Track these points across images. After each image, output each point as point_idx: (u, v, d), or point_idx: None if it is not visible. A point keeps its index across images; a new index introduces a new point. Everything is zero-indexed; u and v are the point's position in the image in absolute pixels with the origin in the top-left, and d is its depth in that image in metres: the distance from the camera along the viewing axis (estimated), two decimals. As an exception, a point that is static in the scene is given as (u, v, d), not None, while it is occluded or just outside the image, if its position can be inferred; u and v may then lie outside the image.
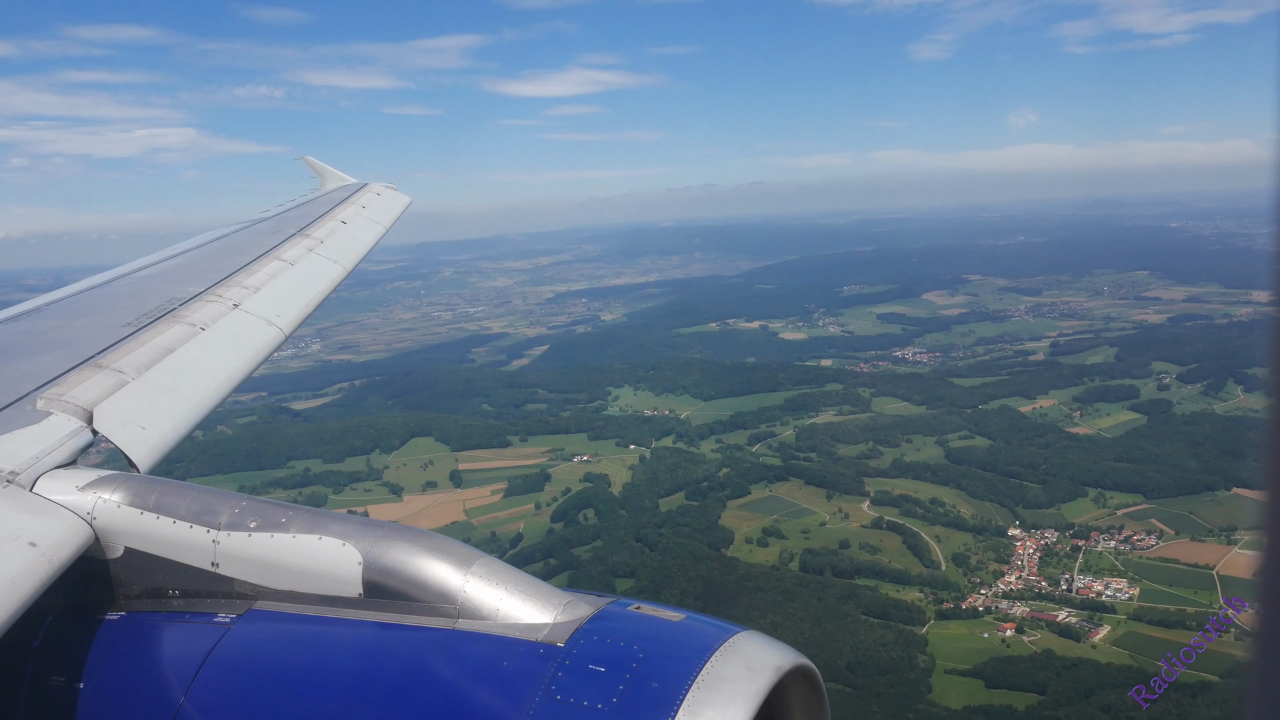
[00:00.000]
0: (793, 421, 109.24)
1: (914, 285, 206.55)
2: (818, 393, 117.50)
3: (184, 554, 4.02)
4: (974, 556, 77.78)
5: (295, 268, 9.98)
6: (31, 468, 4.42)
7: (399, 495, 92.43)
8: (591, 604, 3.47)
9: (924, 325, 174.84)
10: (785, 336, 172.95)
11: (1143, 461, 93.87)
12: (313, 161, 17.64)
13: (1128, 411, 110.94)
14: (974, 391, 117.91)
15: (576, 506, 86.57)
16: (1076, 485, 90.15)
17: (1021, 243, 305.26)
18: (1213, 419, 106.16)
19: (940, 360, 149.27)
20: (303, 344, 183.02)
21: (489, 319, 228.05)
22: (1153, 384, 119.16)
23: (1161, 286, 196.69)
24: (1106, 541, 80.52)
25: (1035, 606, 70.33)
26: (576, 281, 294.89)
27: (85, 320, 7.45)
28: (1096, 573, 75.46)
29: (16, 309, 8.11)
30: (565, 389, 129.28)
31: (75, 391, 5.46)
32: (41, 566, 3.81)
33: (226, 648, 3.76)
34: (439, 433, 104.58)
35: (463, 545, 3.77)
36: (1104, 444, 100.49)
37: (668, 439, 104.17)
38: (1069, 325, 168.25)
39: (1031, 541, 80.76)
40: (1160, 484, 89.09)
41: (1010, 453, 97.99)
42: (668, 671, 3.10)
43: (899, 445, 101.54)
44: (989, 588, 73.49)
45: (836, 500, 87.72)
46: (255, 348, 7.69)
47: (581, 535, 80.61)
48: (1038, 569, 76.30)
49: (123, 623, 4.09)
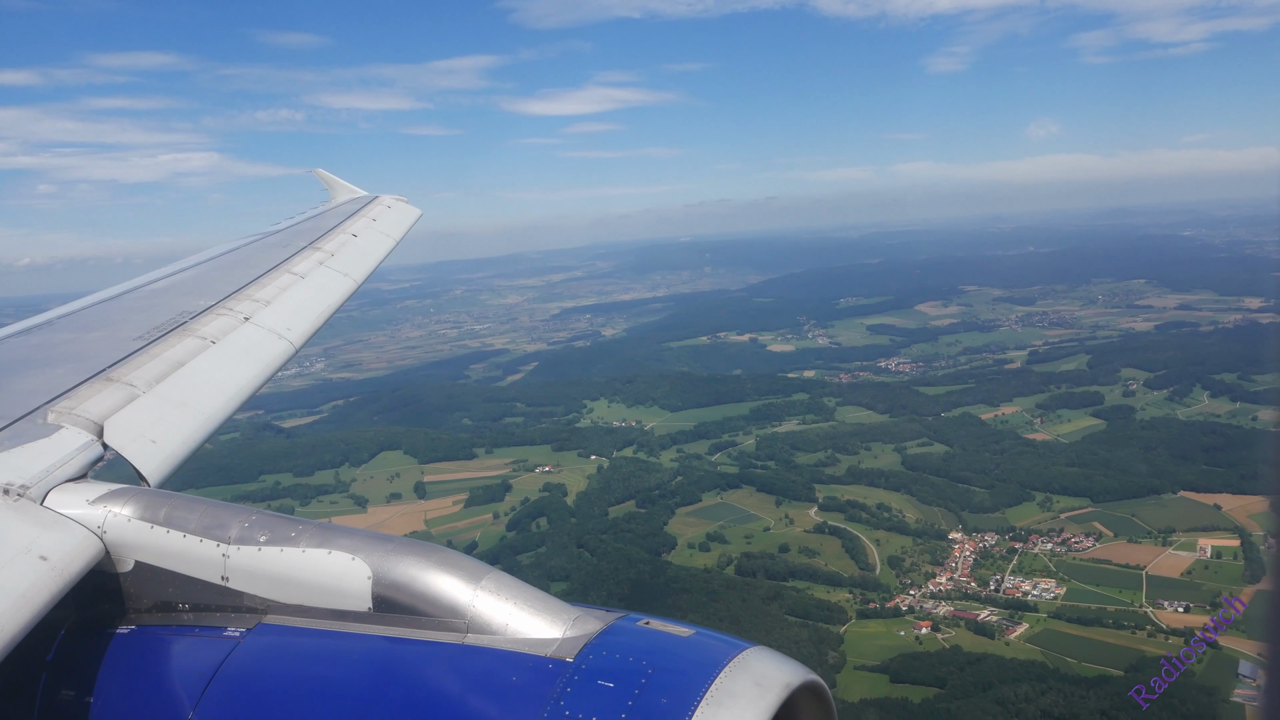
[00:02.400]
0: (755, 431, 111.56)
1: (909, 297, 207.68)
2: (783, 403, 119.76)
3: (194, 568, 4.07)
4: (909, 559, 79.70)
5: (306, 281, 10.03)
6: (42, 481, 4.44)
7: (364, 507, 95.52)
8: (601, 619, 3.49)
9: (912, 336, 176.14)
10: (773, 349, 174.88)
11: (1094, 466, 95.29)
12: (324, 174, 17.82)
13: (1089, 418, 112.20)
14: (938, 400, 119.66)
15: (531, 515, 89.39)
16: (1024, 490, 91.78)
17: (1029, 253, 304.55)
18: (1172, 424, 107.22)
19: (922, 370, 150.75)
20: (307, 362, 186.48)
21: (492, 336, 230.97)
22: (1119, 390, 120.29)
23: (1156, 294, 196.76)
24: (1044, 544, 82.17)
25: (960, 606, 72.16)
26: (585, 298, 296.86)
27: (96, 333, 7.49)
28: (1028, 574, 77.20)
29: (28, 322, 8.19)
30: (543, 402, 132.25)
31: (86, 405, 5.50)
32: (53, 580, 3.83)
33: (236, 662, 3.81)
34: (408, 446, 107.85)
35: (472, 560, 3.79)
36: (1058, 449, 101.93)
37: (629, 449, 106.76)
38: (1056, 334, 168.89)
39: (970, 544, 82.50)
40: (1107, 488, 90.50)
41: (965, 459, 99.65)
42: (677, 687, 3.11)
43: (857, 453, 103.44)
44: (918, 588, 75.38)
45: (785, 506, 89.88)
46: (266, 361, 7.74)
47: (529, 542, 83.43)
48: (970, 570, 78.04)
49: (133, 636, 4.13)
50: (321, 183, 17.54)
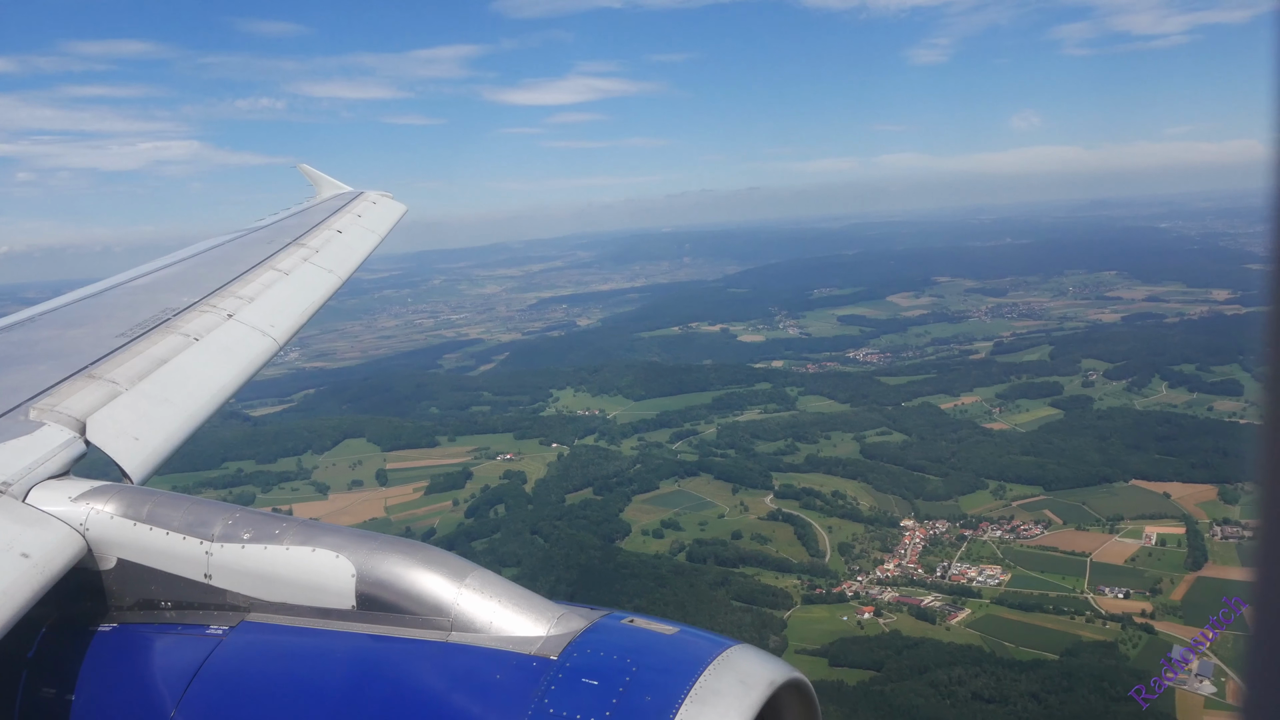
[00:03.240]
0: (717, 420, 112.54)
1: (881, 288, 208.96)
2: (746, 392, 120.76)
3: (177, 565, 4.04)
4: (859, 546, 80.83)
5: (290, 277, 9.99)
6: (24, 478, 4.41)
7: (325, 494, 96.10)
8: (585, 617, 3.50)
9: (882, 327, 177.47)
10: (744, 339, 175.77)
11: (1048, 455, 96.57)
12: (309, 170, 17.70)
13: (1048, 407, 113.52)
14: (899, 389, 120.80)
15: (490, 502, 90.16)
16: (978, 478, 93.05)
17: (1006, 244, 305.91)
18: (1128, 414, 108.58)
19: (889, 360, 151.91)
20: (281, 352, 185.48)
21: (468, 325, 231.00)
22: (1078, 381, 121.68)
23: (1125, 286, 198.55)
24: (994, 531, 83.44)
25: (905, 592, 73.32)
26: (563, 288, 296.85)
27: (79, 330, 7.45)
28: (975, 561, 78.42)
29: (9, 319, 8.17)
30: (510, 392, 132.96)
31: (68, 402, 5.46)
32: (34, 577, 3.81)
33: (219, 660, 3.78)
34: (372, 434, 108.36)
35: (457, 558, 3.77)
36: (1014, 438, 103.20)
37: (590, 438, 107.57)
38: (1024, 325, 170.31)
39: (921, 531, 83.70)
40: (1060, 476, 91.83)
41: (922, 448, 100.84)
42: (661, 685, 3.12)
43: (817, 441, 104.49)
44: (866, 575, 76.52)
45: (741, 494, 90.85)
46: (249, 358, 7.73)
47: (486, 529, 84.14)
48: (919, 557, 79.23)
49: (115, 634, 4.10)
50: (306, 178, 17.50)
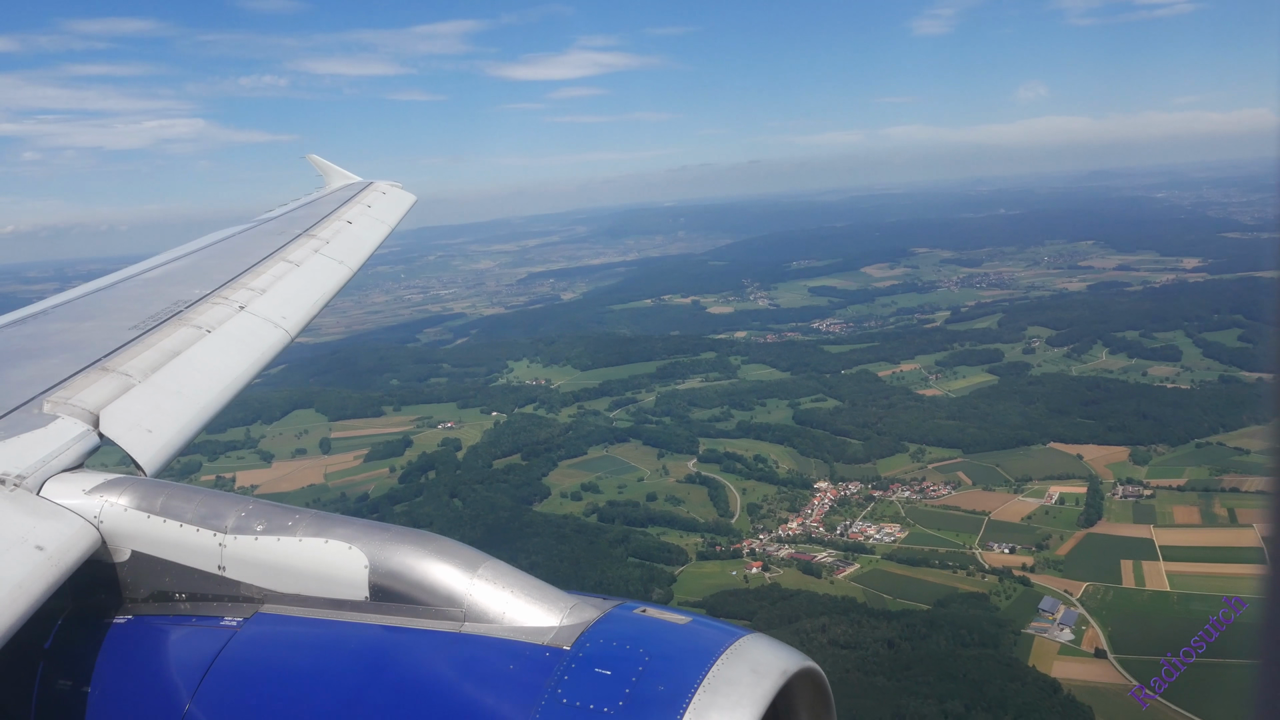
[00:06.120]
0: (659, 389, 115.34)
1: (858, 259, 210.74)
2: (690, 361, 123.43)
3: (191, 557, 4.05)
4: (767, 506, 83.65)
5: (301, 269, 9.99)
6: (38, 471, 4.42)
7: (269, 462, 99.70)
8: (598, 607, 3.48)
9: (851, 297, 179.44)
10: (713, 311, 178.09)
11: (971, 419, 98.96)
12: (318, 160, 17.63)
13: (985, 374, 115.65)
14: (840, 358, 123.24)
15: (422, 469, 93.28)
16: (899, 442, 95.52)
17: (998, 215, 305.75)
18: (1060, 380, 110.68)
19: (852, 330, 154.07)
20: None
21: (455, 300, 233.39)
22: (1019, 348, 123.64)
23: (1100, 255, 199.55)
24: (903, 492, 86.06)
25: (801, 549, 76.13)
26: (556, 262, 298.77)
27: (91, 323, 7.47)
28: (877, 520, 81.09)
29: (23, 311, 8.18)
30: (469, 364, 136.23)
31: (82, 395, 5.47)
32: (49, 570, 3.82)
33: (233, 651, 3.79)
34: (320, 404, 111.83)
35: (469, 548, 3.76)
36: (943, 404, 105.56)
37: (530, 406, 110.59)
38: (990, 294, 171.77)
39: (832, 493, 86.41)
40: (979, 439, 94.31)
41: (851, 413, 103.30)
42: (674, 675, 3.11)
43: (752, 409, 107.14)
44: (769, 533, 79.31)
45: (666, 459, 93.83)
46: (261, 350, 7.71)
47: (410, 493, 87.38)
48: (823, 517, 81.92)
49: (130, 626, 4.11)
50: (315, 168, 17.50)
